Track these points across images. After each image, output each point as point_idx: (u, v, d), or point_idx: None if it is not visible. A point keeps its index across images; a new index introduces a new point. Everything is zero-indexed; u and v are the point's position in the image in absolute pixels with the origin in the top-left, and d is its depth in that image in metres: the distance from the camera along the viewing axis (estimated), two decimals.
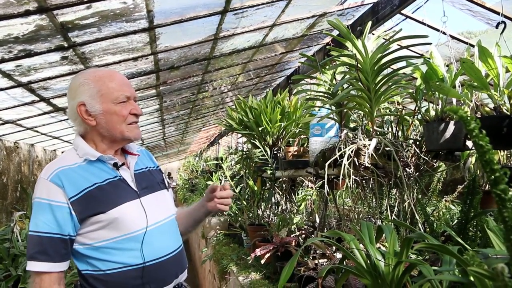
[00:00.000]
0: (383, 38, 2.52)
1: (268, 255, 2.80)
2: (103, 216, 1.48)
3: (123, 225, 1.50)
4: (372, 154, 2.18)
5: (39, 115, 5.15)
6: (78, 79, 1.58)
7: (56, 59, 3.44)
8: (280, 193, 4.02)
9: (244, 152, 4.28)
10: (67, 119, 5.58)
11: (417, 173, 2.29)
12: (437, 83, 2.09)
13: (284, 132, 3.70)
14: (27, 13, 2.51)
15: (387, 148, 2.18)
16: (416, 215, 2.09)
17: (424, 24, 3.36)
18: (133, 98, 1.62)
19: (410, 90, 2.39)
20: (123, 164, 1.61)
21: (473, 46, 2.14)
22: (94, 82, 1.55)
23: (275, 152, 3.60)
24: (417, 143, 2.37)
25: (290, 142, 3.72)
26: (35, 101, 4.46)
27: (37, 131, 6.20)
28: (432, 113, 2.15)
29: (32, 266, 1.42)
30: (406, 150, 2.26)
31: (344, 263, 1.83)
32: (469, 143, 2.06)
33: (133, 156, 1.70)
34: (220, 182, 5.08)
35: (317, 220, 3.48)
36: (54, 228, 1.44)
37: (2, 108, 4.46)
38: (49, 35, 2.92)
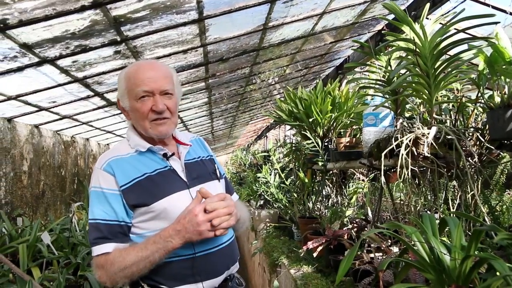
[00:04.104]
0: (439, 23, 2.38)
1: (320, 248, 2.75)
2: (150, 208, 1.48)
3: (172, 215, 1.48)
4: (431, 144, 2.07)
5: (93, 109, 5.33)
6: (120, 75, 1.63)
7: (109, 54, 3.53)
8: (331, 185, 3.94)
9: (293, 144, 4.23)
10: (120, 113, 5.74)
11: (479, 163, 2.15)
12: (504, 66, 1.94)
13: (335, 123, 3.62)
14: (82, 9, 2.58)
15: (448, 137, 2.05)
16: (482, 207, 1.96)
17: (488, 5, 3.13)
18: (159, 93, 1.53)
19: (472, 76, 2.25)
20: (173, 154, 1.61)
21: None
22: (124, 78, 1.58)
23: (326, 143, 3.52)
24: (479, 131, 2.22)
25: (342, 133, 3.63)
26: (90, 95, 4.61)
27: (91, 126, 6.43)
28: (497, 99, 2.00)
29: (96, 250, 1.45)
30: (469, 139, 2.13)
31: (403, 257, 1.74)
32: None
33: (185, 146, 1.68)
34: (270, 175, 5.05)
35: (369, 213, 3.38)
36: (110, 214, 1.47)
37: (60, 104, 4.64)
38: (103, 29, 2.99)
